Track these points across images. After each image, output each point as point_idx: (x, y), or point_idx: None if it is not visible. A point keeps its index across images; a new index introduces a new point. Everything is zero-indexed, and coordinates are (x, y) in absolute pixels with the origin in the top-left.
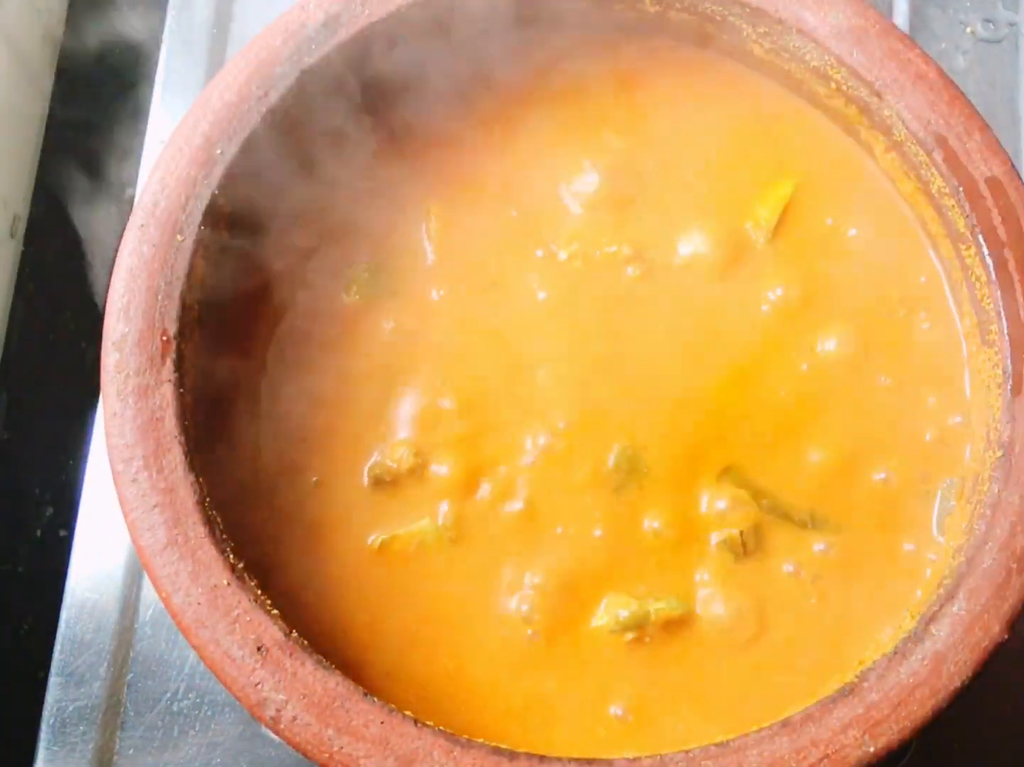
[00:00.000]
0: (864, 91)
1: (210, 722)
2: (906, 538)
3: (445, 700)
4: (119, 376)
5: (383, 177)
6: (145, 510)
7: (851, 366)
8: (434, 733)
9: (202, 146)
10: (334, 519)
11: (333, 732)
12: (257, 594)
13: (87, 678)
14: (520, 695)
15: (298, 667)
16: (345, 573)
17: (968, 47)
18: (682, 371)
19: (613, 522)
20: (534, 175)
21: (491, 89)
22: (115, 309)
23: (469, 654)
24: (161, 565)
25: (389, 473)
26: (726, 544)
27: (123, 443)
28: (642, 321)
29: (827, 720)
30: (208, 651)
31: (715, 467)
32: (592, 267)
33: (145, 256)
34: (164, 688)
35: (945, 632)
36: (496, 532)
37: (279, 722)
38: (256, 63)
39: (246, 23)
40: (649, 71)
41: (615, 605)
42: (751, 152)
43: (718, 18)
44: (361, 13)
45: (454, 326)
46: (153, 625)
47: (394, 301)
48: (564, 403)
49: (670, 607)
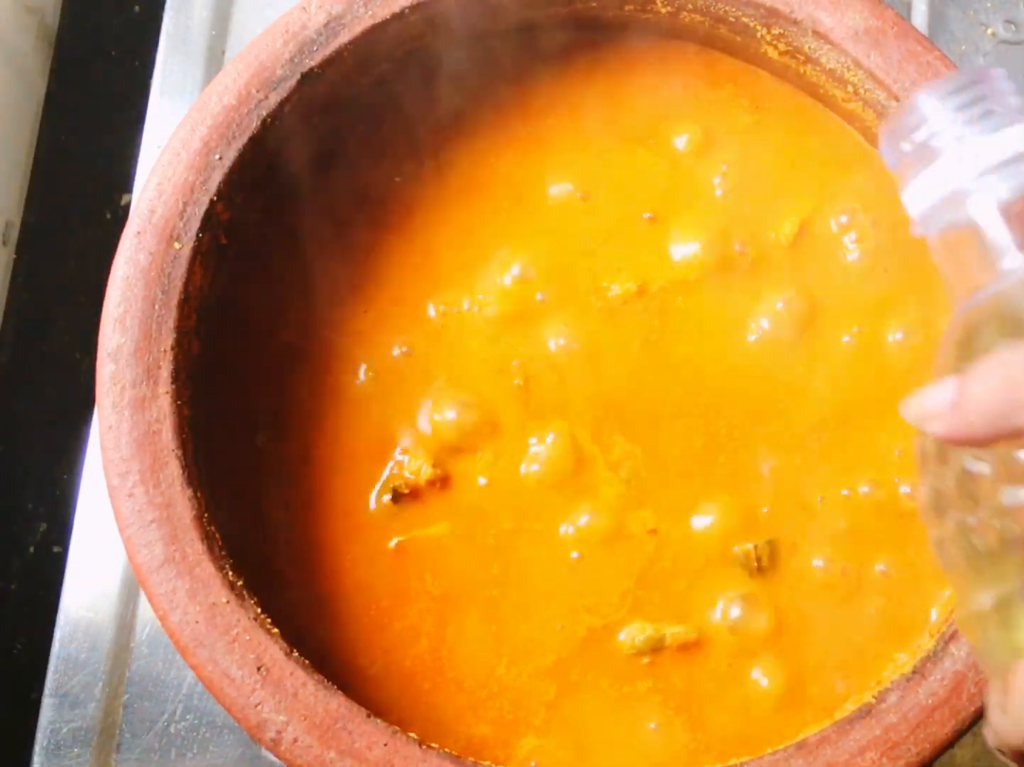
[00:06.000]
0: (882, 94)
1: (208, 744)
2: (924, 556)
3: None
4: (115, 388)
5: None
6: (141, 526)
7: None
8: (439, 755)
9: (200, 151)
10: (342, 532)
11: (335, 754)
12: (257, 612)
13: (82, 699)
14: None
15: (299, 687)
16: (350, 586)
17: (988, 49)
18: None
19: (628, 535)
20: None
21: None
22: (111, 319)
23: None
24: (158, 582)
25: (407, 485)
26: (740, 560)
27: (119, 457)
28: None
29: (844, 742)
30: (206, 671)
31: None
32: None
33: (142, 265)
34: (161, 709)
35: (964, 652)
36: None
37: (279, 744)
38: (256, 65)
39: (245, 24)
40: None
41: (633, 631)
42: (769, 158)
43: (731, 19)
44: (364, 14)
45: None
46: (150, 644)
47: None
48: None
49: (686, 631)
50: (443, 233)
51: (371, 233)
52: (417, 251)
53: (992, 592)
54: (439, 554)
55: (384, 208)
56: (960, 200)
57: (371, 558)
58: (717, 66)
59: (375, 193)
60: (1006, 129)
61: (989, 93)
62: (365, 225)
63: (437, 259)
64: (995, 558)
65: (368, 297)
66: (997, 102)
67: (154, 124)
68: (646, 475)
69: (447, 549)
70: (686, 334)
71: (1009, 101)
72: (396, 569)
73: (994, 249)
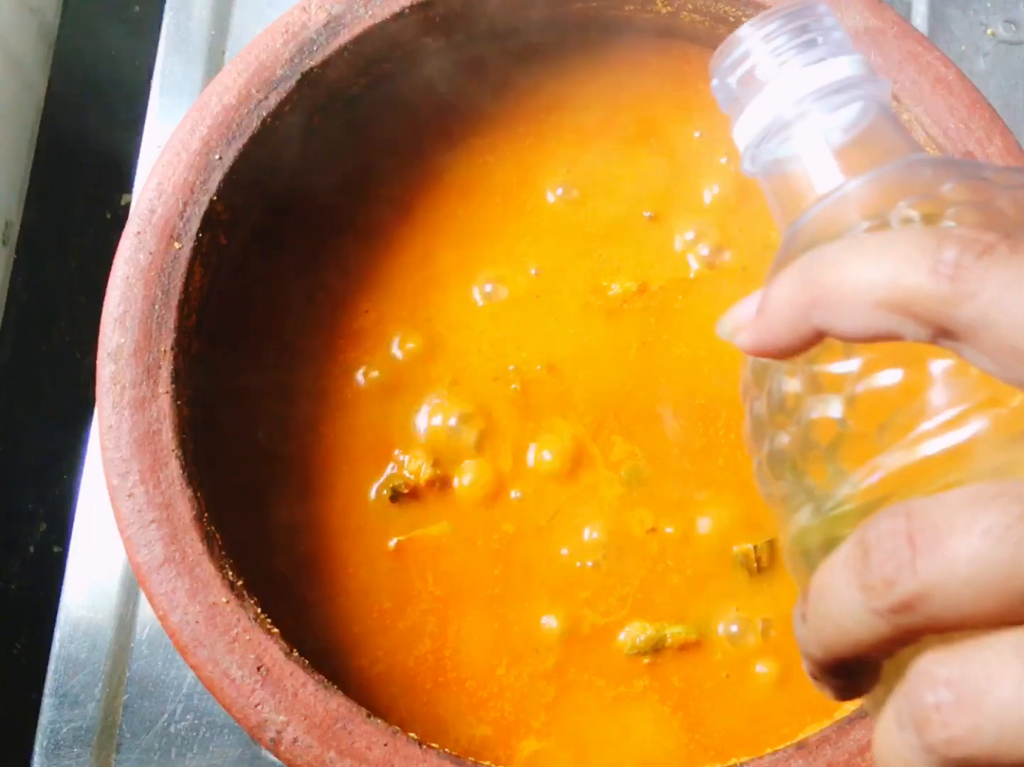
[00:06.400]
0: None
1: (208, 744)
2: None
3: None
4: (115, 388)
5: None
6: (141, 526)
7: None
8: (439, 755)
9: (200, 151)
10: (342, 533)
11: (335, 754)
12: (257, 612)
13: (82, 699)
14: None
15: (299, 687)
16: (353, 587)
17: (989, 49)
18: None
19: (628, 535)
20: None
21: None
22: (111, 319)
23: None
24: (158, 582)
25: (407, 485)
26: (740, 560)
27: (119, 456)
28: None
29: (844, 742)
30: (206, 671)
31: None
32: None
33: (142, 264)
34: (161, 709)
35: None
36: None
37: (279, 744)
38: (256, 65)
39: (246, 24)
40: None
41: (633, 631)
42: None
43: (731, 19)
44: (364, 14)
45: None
46: (150, 644)
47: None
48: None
49: (686, 631)
50: (443, 233)
51: (371, 233)
52: (417, 251)
53: (807, 507)
54: (440, 554)
55: (384, 208)
56: (784, 131)
57: (371, 558)
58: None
59: (375, 193)
60: (830, 59)
61: (814, 26)
62: (365, 225)
63: (437, 259)
64: (804, 470)
65: (368, 297)
66: (821, 34)
67: (154, 124)
68: (646, 475)
69: (448, 549)
70: (686, 334)
71: (833, 36)
72: (397, 569)
73: (815, 174)
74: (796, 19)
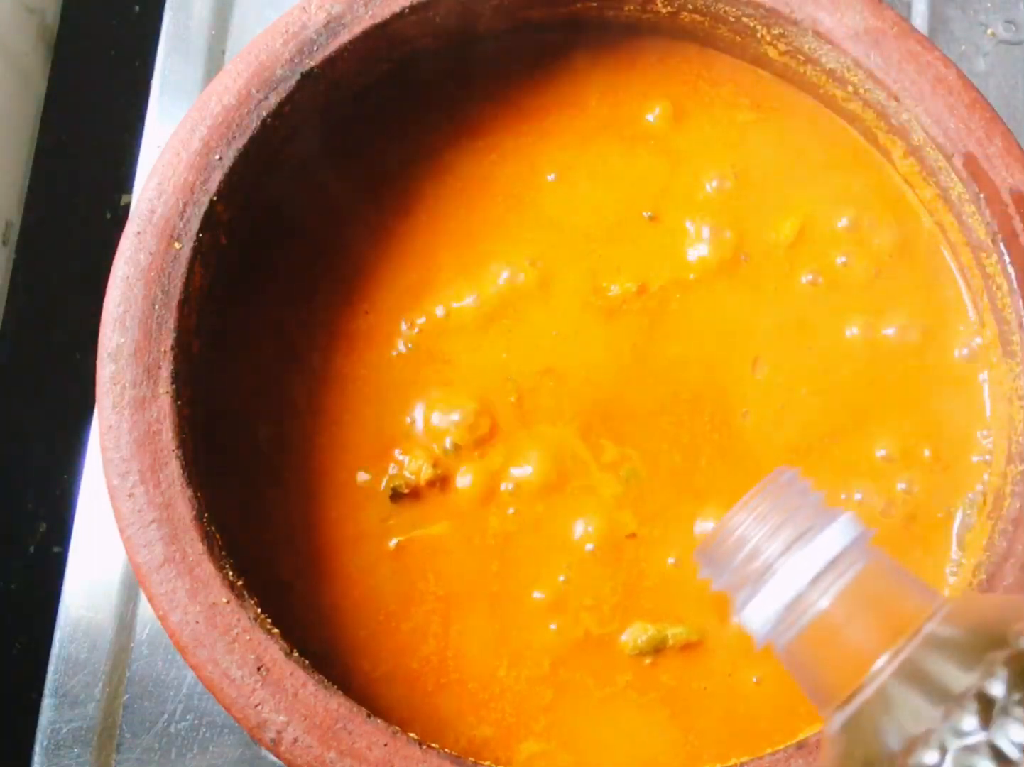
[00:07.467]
0: (881, 94)
1: (208, 744)
2: (925, 555)
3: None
4: (115, 388)
5: None
6: (142, 526)
7: (867, 378)
8: (440, 755)
9: (200, 151)
10: (343, 532)
11: (335, 755)
12: (257, 612)
13: (82, 699)
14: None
15: (299, 688)
16: (354, 589)
17: (989, 49)
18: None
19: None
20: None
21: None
22: (111, 319)
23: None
24: (158, 582)
25: (407, 485)
26: None
27: (119, 457)
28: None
29: None
30: (206, 671)
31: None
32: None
33: (142, 265)
34: (161, 709)
35: None
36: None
37: (279, 744)
38: (256, 65)
39: (245, 24)
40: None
41: (635, 631)
42: (769, 158)
43: (731, 19)
44: (364, 14)
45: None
46: (150, 644)
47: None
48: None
49: (688, 632)
50: (443, 233)
51: (371, 233)
52: (417, 251)
53: None
54: (440, 554)
55: (384, 208)
56: (802, 606)
57: (372, 558)
58: (717, 66)
59: (375, 193)
60: (824, 530)
61: (793, 500)
62: (365, 225)
63: (437, 259)
64: None
65: (368, 297)
66: (804, 505)
67: (154, 124)
68: (645, 476)
69: (448, 549)
70: (686, 334)
71: (811, 499)
72: (399, 570)
73: (851, 644)
74: (776, 498)
